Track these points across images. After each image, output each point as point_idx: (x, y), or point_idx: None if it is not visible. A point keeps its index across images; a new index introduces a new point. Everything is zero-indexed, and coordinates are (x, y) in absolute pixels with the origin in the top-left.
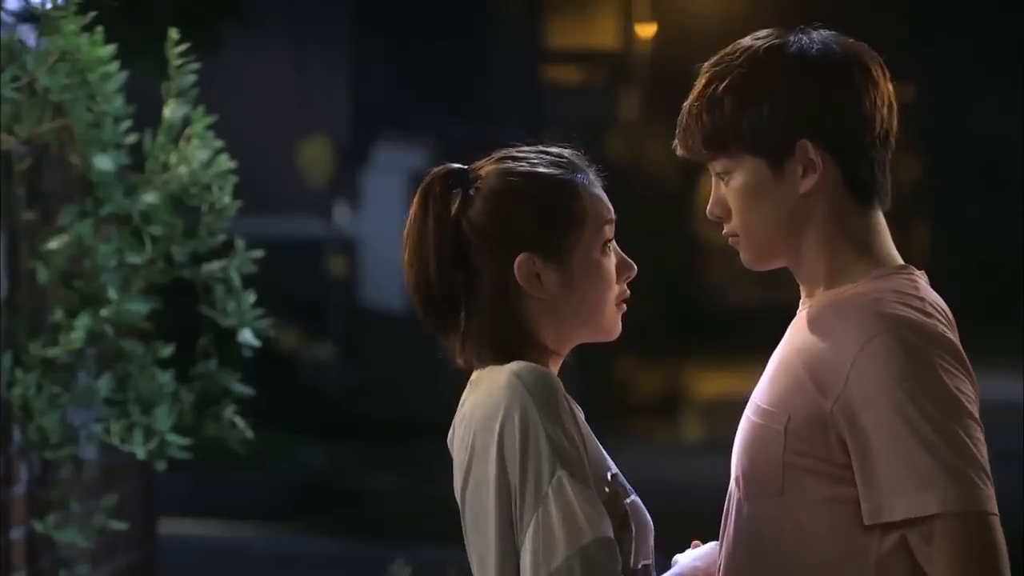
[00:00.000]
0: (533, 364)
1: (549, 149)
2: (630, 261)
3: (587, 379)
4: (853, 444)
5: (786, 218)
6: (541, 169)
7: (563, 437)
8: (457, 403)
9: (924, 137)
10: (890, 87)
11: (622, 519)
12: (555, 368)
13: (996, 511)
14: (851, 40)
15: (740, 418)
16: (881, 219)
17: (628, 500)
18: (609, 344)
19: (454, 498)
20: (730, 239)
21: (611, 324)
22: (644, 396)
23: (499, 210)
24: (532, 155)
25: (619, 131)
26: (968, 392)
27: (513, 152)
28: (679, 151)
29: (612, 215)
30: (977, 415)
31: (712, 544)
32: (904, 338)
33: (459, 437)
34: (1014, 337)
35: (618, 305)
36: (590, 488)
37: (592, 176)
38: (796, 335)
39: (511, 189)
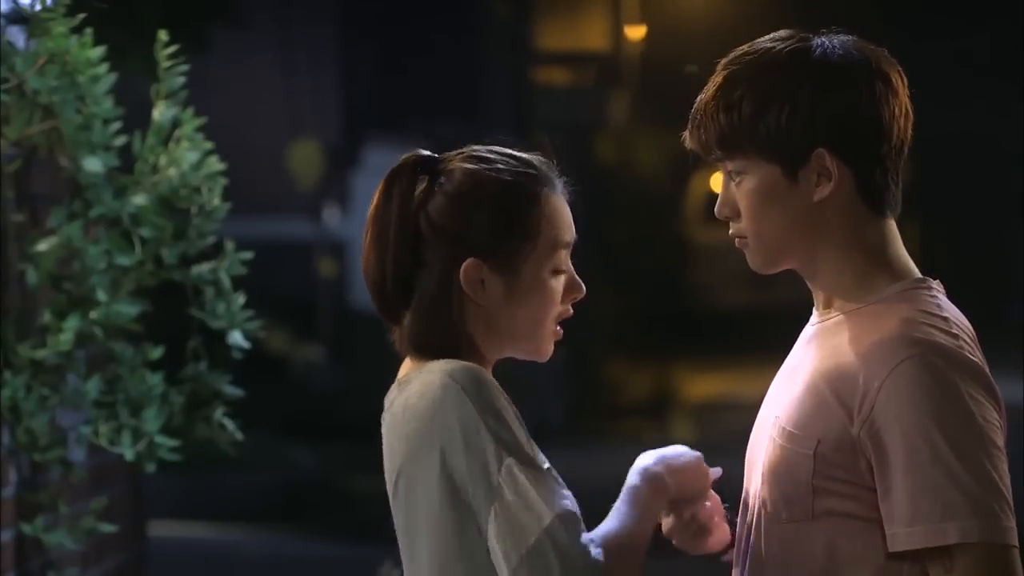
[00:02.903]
0: (463, 362)
1: (520, 156)
2: (580, 283)
3: (576, 381)
4: (878, 469)
5: (798, 225)
6: (506, 177)
7: (503, 427)
8: None
9: (915, 139)
10: (907, 95)
11: None
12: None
13: (1017, 544)
14: (872, 46)
15: (731, 419)
16: (893, 227)
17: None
18: (600, 345)
19: None
20: (737, 240)
21: (543, 346)
22: (633, 398)
23: (457, 210)
24: (502, 159)
25: (608, 132)
26: (993, 420)
27: (484, 152)
28: (689, 144)
29: (571, 236)
30: (1003, 443)
31: (681, 448)
32: (932, 364)
33: (387, 441)
34: (1013, 337)
35: (555, 330)
36: (538, 468)
37: (560, 190)
38: (820, 352)
39: (472, 191)
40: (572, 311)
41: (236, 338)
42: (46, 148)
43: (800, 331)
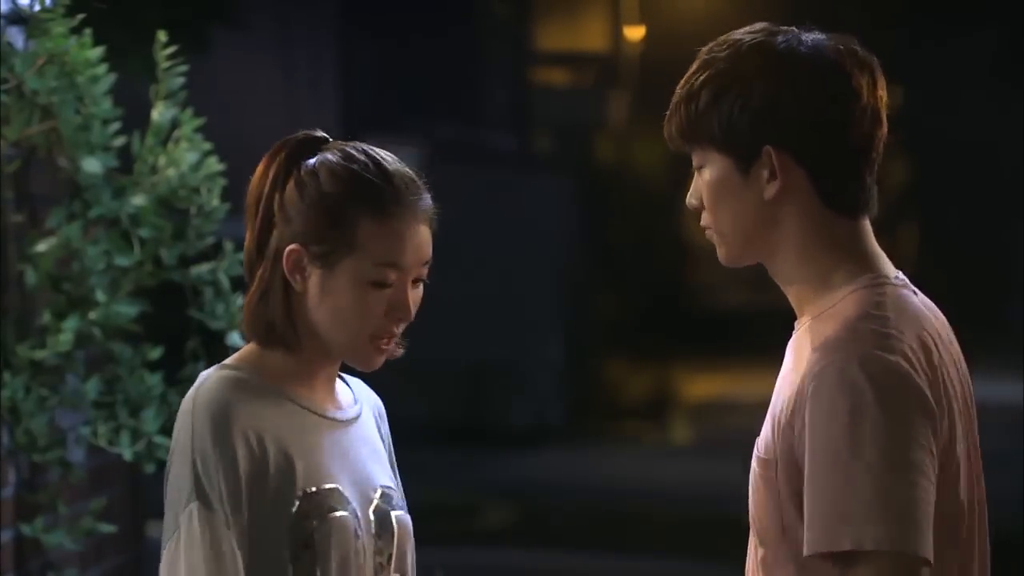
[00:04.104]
0: (217, 386)
1: (388, 168)
2: (406, 307)
3: (575, 382)
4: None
5: (754, 221)
6: (352, 179)
7: (210, 469)
8: (442, 407)
9: (913, 141)
10: (878, 96)
11: (306, 539)
12: (319, 368)
13: (923, 554)
14: (844, 46)
15: (731, 420)
16: (863, 227)
17: (332, 515)
18: (600, 345)
19: (441, 501)
20: (706, 232)
21: (360, 356)
22: (633, 398)
23: (297, 195)
24: (365, 164)
25: (608, 132)
26: (920, 427)
27: (357, 151)
28: (665, 134)
29: (405, 261)
30: (925, 447)
31: None
32: (847, 371)
33: None
34: (1013, 337)
35: (375, 343)
36: (222, 524)
37: (414, 215)
38: (785, 369)
39: (315, 181)
40: (397, 332)
41: (235, 339)
42: (45, 149)
43: None
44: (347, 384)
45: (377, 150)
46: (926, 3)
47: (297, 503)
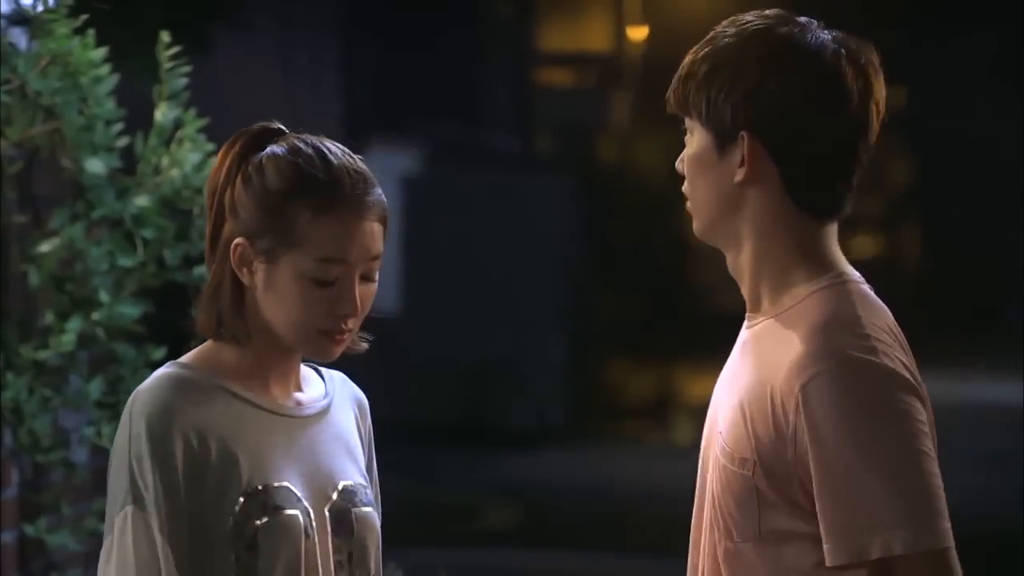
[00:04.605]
0: (158, 385)
1: (335, 164)
2: (351, 303)
3: (576, 382)
4: (813, 485)
5: (722, 201)
6: (296, 173)
7: (145, 472)
8: (442, 406)
9: (913, 141)
10: (870, 106)
11: (250, 540)
12: (274, 363)
13: (951, 544)
14: (847, 50)
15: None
16: (829, 230)
17: (279, 514)
18: (600, 345)
19: (446, 503)
20: (687, 204)
21: (312, 349)
22: (634, 398)
23: (246, 189)
24: (312, 158)
25: (610, 133)
26: (916, 416)
27: (306, 145)
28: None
29: (349, 257)
30: (929, 437)
31: None
32: (841, 377)
33: None
34: (1013, 337)
35: (328, 335)
36: (155, 528)
37: (362, 212)
38: (746, 366)
39: (262, 175)
40: (347, 326)
41: None
42: (48, 149)
43: None
44: (322, 377)
45: (328, 143)
46: (926, 3)
47: (242, 501)
